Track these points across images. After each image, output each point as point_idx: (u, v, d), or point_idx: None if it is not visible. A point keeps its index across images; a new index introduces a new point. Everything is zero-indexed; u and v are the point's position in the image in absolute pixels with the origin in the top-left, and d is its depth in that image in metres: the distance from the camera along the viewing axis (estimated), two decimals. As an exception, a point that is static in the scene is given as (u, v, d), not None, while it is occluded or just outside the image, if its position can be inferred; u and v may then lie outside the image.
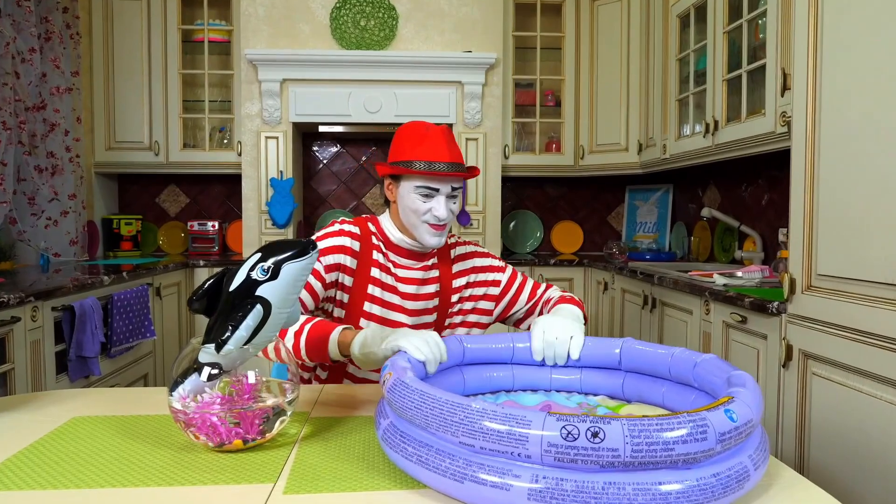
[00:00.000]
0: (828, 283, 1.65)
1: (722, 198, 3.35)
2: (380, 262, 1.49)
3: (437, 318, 1.54)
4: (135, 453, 0.98)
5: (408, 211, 1.44)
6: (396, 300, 1.49)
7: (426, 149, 1.41)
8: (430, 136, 1.43)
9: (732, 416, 0.79)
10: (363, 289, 1.47)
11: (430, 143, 1.42)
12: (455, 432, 0.80)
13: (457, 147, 1.46)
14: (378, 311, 1.48)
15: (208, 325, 1.01)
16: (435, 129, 1.45)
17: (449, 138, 1.44)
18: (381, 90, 3.47)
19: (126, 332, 2.70)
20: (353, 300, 1.47)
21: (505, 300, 1.60)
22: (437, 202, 1.42)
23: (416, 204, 1.43)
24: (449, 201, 1.44)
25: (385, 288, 1.48)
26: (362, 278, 1.47)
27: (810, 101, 1.68)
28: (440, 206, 1.42)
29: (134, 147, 3.69)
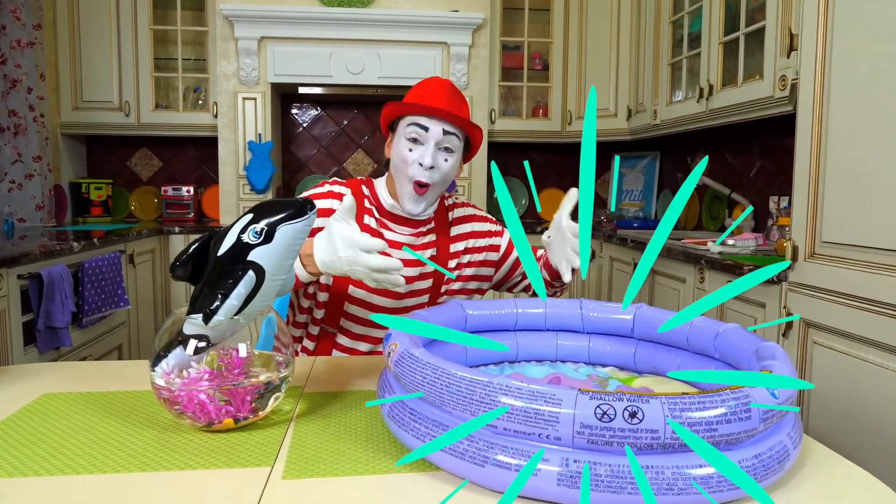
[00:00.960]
0: (833, 251, 1.60)
1: (711, 165, 3.30)
2: (371, 228, 1.40)
3: (433, 284, 1.45)
4: (114, 434, 0.89)
5: (397, 165, 1.35)
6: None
7: (424, 92, 1.35)
8: (427, 83, 1.37)
9: (774, 392, 0.73)
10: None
11: (426, 88, 1.36)
12: (475, 412, 0.72)
13: (461, 102, 1.37)
14: (362, 293, 1.40)
15: (193, 293, 0.91)
16: (439, 80, 1.38)
17: (451, 90, 1.36)
18: (364, 50, 3.33)
19: (98, 301, 2.58)
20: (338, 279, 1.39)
21: (505, 266, 1.52)
22: (425, 149, 1.32)
23: (403, 151, 1.33)
24: (439, 153, 1.33)
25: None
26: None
27: (819, 62, 1.61)
28: (426, 154, 1.31)
29: (102, 107, 3.52)
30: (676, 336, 1.07)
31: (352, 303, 1.40)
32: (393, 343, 0.89)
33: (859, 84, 1.50)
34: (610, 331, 1.18)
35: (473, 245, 1.49)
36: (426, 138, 1.32)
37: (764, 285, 1.85)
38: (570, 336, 1.20)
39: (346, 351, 1.43)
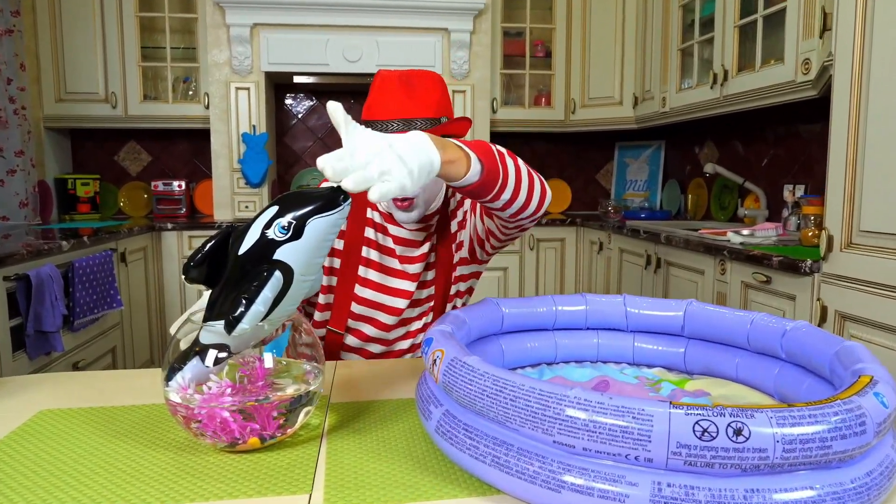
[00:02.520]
0: (871, 240, 1.53)
1: (720, 154, 3.22)
2: (375, 222, 1.31)
3: (438, 273, 1.34)
4: (123, 457, 0.79)
5: None
6: (396, 265, 1.32)
7: (373, 106, 1.20)
8: (375, 89, 1.20)
9: (883, 400, 0.65)
10: (356, 252, 1.30)
11: (375, 96, 1.20)
12: (549, 430, 0.63)
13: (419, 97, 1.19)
14: (375, 276, 1.31)
15: (211, 297, 0.81)
16: (390, 78, 1.20)
17: (402, 88, 1.19)
18: (361, 37, 3.21)
19: (90, 302, 2.46)
20: (346, 265, 1.30)
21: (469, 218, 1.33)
22: None
23: None
24: None
25: (382, 251, 1.31)
26: (355, 240, 1.30)
27: (857, 43, 1.53)
28: None
29: (88, 99, 3.38)
30: (735, 334, 0.99)
31: (358, 303, 1.31)
32: (438, 349, 0.79)
33: (903, 63, 1.42)
34: (657, 329, 1.09)
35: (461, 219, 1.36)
36: None
37: (795, 277, 1.77)
38: (613, 335, 1.12)
39: (355, 352, 1.34)
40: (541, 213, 1.13)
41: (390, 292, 1.31)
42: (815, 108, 2.36)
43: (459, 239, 1.39)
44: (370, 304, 1.31)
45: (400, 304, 1.32)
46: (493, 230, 1.25)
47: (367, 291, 1.31)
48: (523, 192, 1.03)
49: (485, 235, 1.29)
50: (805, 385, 0.87)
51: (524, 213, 1.07)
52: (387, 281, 1.31)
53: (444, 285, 1.36)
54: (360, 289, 1.31)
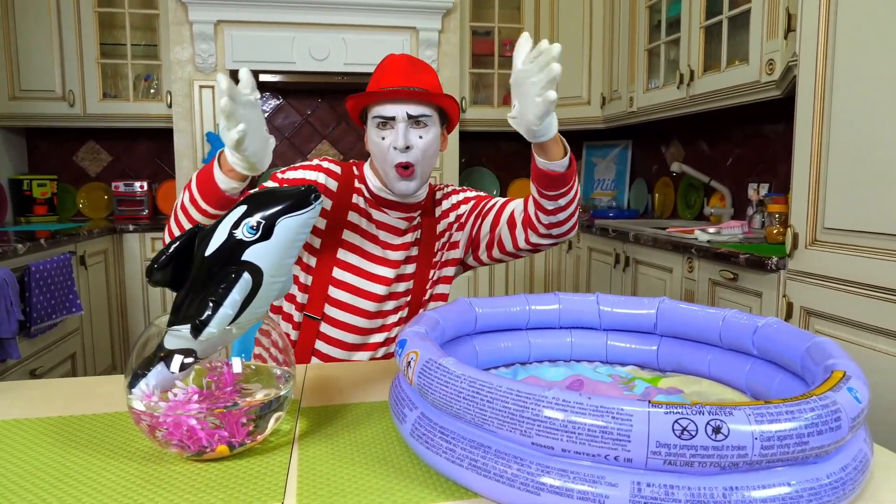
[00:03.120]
0: (836, 237, 1.56)
1: (686, 153, 3.26)
2: (360, 207, 1.33)
3: (418, 269, 1.37)
4: (84, 469, 0.76)
5: (374, 152, 1.29)
6: (377, 251, 1.33)
7: (381, 78, 1.27)
8: (385, 65, 1.29)
9: (857, 395, 0.65)
10: (338, 234, 1.31)
11: (384, 71, 1.27)
12: (527, 431, 0.62)
13: (421, 74, 1.28)
14: (355, 260, 1.32)
15: (176, 300, 0.79)
16: (396, 57, 1.30)
17: (409, 63, 1.28)
18: (328, 35, 3.18)
19: (48, 307, 2.38)
20: (326, 246, 1.31)
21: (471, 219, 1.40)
22: (395, 132, 1.24)
23: (377, 140, 1.27)
24: (411, 131, 1.25)
25: (365, 236, 1.33)
26: (337, 222, 1.31)
27: (821, 43, 1.56)
28: (398, 136, 1.23)
29: (44, 97, 3.27)
30: (707, 331, 0.99)
31: (336, 287, 1.32)
32: (412, 351, 0.78)
33: (864, 65, 1.45)
34: (630, 327, 1.09)
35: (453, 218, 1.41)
36: (394, 124, 1.26)
37: (761, 274, 1.79)
38: (586, 333, 1.12)
39: (330, 341, 1.33)
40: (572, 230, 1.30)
41: (370, 277, 1.32)
42: (778, 108, 2.41)
43: (454, 239, 1.41)
44: (349, 287, 1.32)
45: (378, 290, 1.32)
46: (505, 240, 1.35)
47: (347, 275, 1.32)
48: (574, 203, 1.24)
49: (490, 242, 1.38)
50: (777, 381, 0.88)
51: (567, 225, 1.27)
52: (366, 266, 1.32)
53: (422, 281, 1.37)
54: (339, 272, 1.32)
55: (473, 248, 1.42)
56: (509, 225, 1.34)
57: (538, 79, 0.96)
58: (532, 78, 0.97)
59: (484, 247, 1.40)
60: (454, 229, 1.41)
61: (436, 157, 1.32)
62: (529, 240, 1.31)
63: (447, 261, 1.41)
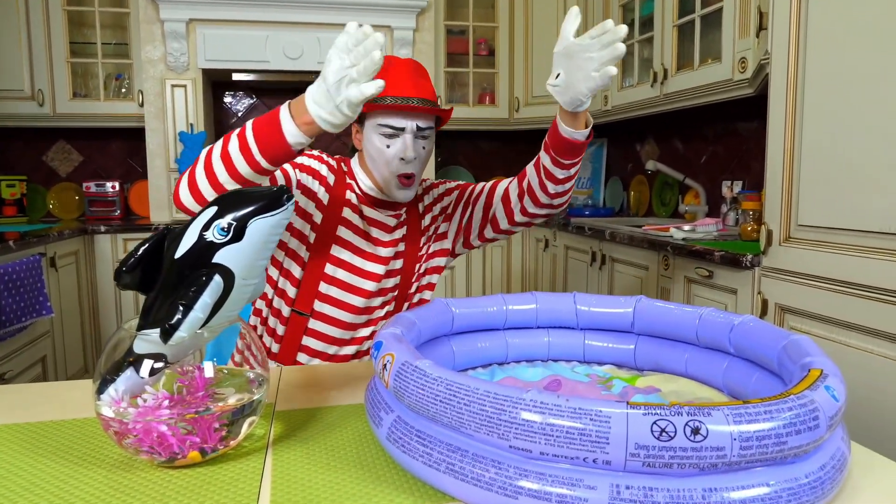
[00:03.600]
0: (809, 234, 1.57)
1: (660, 151, 3.29)
2: (353, 203, 1.32)
3: (405, 263, 1.38)
4: (51, 477, 0.73)
5: (373, 156, 1.28)
6: (368, 247, 1.33)
7: (388, 84, 1.23)
8: (393, 69, 1.26)
9: (834, 394, 0.65)
10: (332, 230, 1.30)
11: (392, 77, 1.24)
12: (504, 434, 0.61)
13: (426, 81, 1.29)
14: (348, 256, 1.31)
15: (145, 303, 0.76)
16: (400, 60, 1.28)
17: (416, 71, 1.28)
18: (302, 34, 3.15)
19: (17, 309, 2.33)
20: (320, 241, 1.30)
21: (458, 209, 1.42)
22: (403, 142, 1.25)
23: (380, 146, 1.26)
24: (417, 142, 1.27)
25: (357, 232, 1.32)
26: (333, 217, 1.30)
27: (792, 41, 1.57)
28: (407, 147, 1.25)
29: (12, 96, 3.20)
30: (683, 329, 0.99)
31: (328, 283, 1.31)
32: (388, 353, 0.76)
33: (836, 62, 1.47)
34: (607, 326, 1.09)
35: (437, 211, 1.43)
36: (401, 134, 1.26)
37: (736, 271, 1.81)
38: (563, 333, 1.11)
39: (317, 336, 1.32)
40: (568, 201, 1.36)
41: (361, 274, 1.32)
42: (751, 106, 2.43)
43: (441, 231, 1.42)
44: (340, 284, 1.31)
45: (368, 286, 1.32)
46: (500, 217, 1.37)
47: (339, 272, 1.31)
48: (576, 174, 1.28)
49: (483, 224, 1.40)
50: (754, 379, 0.88)
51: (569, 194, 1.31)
52: (358, 262, 1.32)
53: (408, 275, 1.38)
54: (331, 268, 1.31)
55: (465, 235, 1.43)
56: (503, 202, 1.36)
57: (600, 55, 1.00)
58: (591, 53, 1.01)
59: (477, 230, 1.42)
60: (440, 221, 1.42)
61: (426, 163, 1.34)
62: (527, 210, 1.34)
63: (434, 252, 1.42)
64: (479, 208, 1.40)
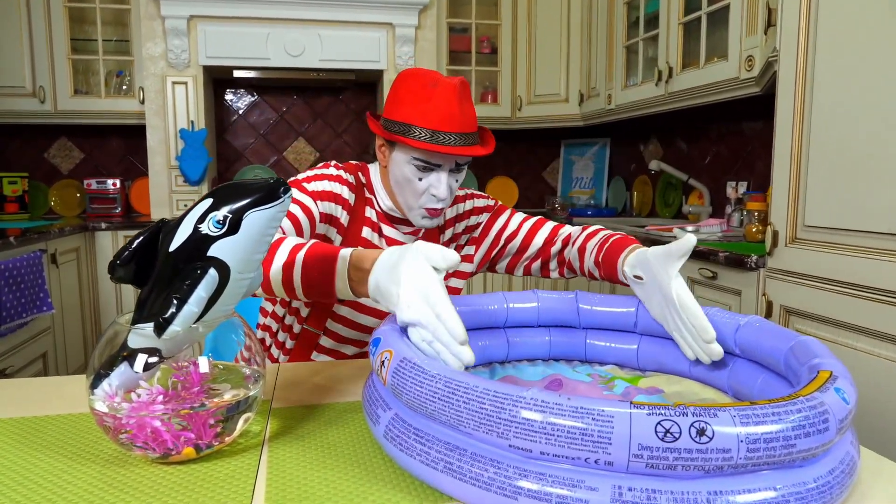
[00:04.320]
0: (816, 235, 1.56)
1: (664, 151, 3.27)
2: (372, 221, 1.25)
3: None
4: (46, 471, 0.72)
5: (401, 183, 1.19)
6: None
7: (430, 111, 1.13)
8: (437, 95, 1.13)
9: (844, 396, 0.64)
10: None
11: (436, 103, 1.13)
12: (504, 433, 0.60)
13: (471, 108, 1.17)
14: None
15: (140, 297, 0.75)
16: (445, 84, 1.14)
17: (462, 97, 1.15)
18: (303, 31, 3.13)
19: (17, 305, 2.32)
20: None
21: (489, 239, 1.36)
22: (437, 178, 1.17)
23: (410, 178, 1.17)
24: (452, 177, 1.18)
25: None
26: (352, 238, 1.24)
27: (801, 38, 1.55)
28: (440, 184, 1.16)
29: (13, 93, 3.19)
30: (688, 330, 0.98)
31: (342, 304, 1.25)
32: (386, 350, 0.75)
33: (846, 60, 1.45)
34: (609, 325, 1.07)
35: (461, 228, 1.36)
36: (437, 170, 1.17)
37: (740, 272, 1.79)
38: (565, 332, 1.10)
39: (328, 353, 1.29)
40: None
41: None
42: (757, 105, 2.41)
43: (466, 252, 1.36)
44: (355, 305, 1.26)
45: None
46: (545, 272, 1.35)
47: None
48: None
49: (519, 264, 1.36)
50: (759, 380, 0.87)
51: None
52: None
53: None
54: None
55: (492, 265, 1.39)
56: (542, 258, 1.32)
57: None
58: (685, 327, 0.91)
59: (505, 266, 1.38)
60: (464, 241, 1.36)
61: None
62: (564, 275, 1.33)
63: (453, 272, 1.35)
64: (514, 249, 1.34)
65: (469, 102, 1.17)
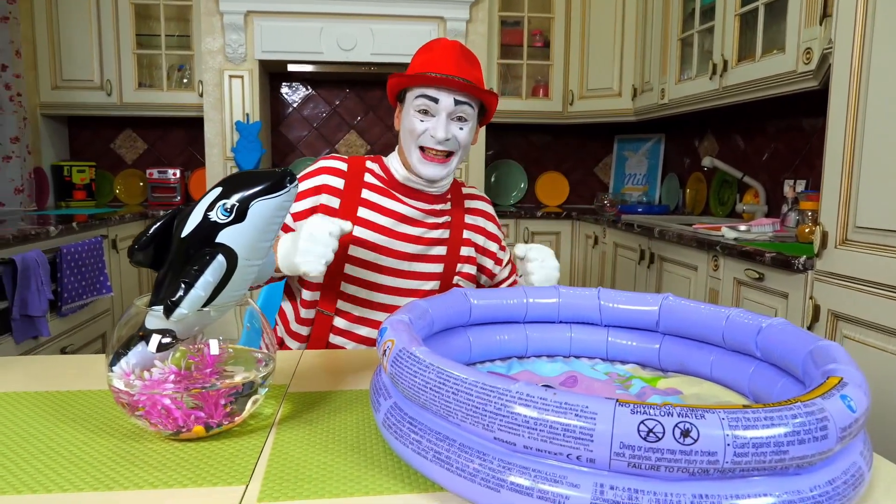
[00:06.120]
0: (868, 237, 1.48)
1: (720, 147, 3.16)
2: (370, 201, 1.30)
3: (445, 269, 1.35)
4: (67, 442, 0.76)
5: (406, 133, 1.26)
6: (390, 243, 1.29)
7: (430, 60, 1.24)
8: (436, 47, 1.26)
9: (850, 404, 0.61)
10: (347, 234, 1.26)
11: (435, 53, 1.24)
12: (489, 425, 0.59)
13: (472, 67, 1.26)
14: (364, 254, 1.28)
15: (156, 280, 0.78)
16: (448, 42, 1.27)
17: (462, 54, 1.26)
18: (355, 25, 3.17)
19: (79, 288, 2.44)
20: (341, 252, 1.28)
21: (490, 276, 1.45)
22: (437, 121, 1.22)
23: (413, 122, 1.24)
24: (452, 123, 1.24)
25: (377, 230, 1.29)
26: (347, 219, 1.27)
27: (858, 29, 1.48)
28: (439, 125, 1.22)
29: (83, 86, 3.35)
30: (710, 331, 0.95)
31: (350, 283, 1.29)
32: (389, 339, 0.76)
33: (900, 52, 1.37)
34: (631, 324, 1.05)
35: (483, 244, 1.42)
36: (437, 110, 1.23)
37: (788, 274, 1.72)
38: (586, 329, 1.08)
39: (342, 334, 1.31)
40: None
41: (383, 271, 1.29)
42: (817, 100, 2.31)
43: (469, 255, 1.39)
44: (361, 283, 1.29)
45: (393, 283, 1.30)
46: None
47: (360, 271, 1.28)
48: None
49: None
50: (779, 385, 0.83)
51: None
52: (378, 259, 1.29)
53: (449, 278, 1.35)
54: (350, 268, 1.28)
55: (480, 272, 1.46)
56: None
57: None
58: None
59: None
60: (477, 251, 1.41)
61: (469, 150, 1.31)
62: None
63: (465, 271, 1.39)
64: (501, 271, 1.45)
65: (470, 61, 1.26)
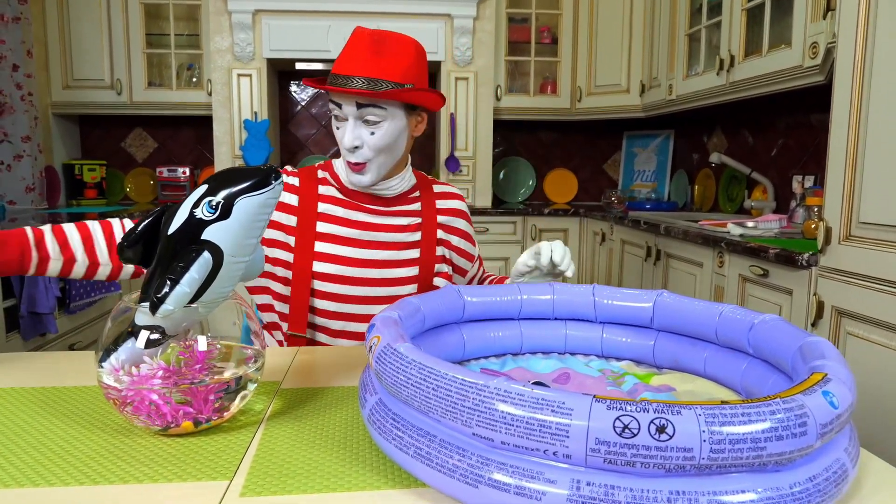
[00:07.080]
0: (871, 233, 1.46)
1: (729, 144, 3.14)
2: (329, 215, 1.25)
3: (421, 271, 1.30)
4: (58, 437, 0.77)
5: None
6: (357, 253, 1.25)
7: (340, 57, 1.16)
8: (348, 43, 1.16)
9: (832, 400, 0.60)
10: (309, 248, 1.23)
11: (345, 50, 1.16)
12: (467, 421, 0.59)
13: (382, 57, 1.13)
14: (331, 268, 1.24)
15: (145, 277, 0.79)
16: (359, 32, 1.16)
17: (369, 45, 1.13)
18: (363, 23, 3.17)
19: (87, 285, 2.47)
20: (299, 261, 1.23)
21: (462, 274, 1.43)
22: (345, 127, 1.17)
23: (334, 130, 1.21)
24: (360, 127, 1.16)
25: (341, 242, 1.24)
26: (306, 237, 1.23)
27: (861, 23, 1.46)
28: (346, 132, 1.16)
29: (94, 85, 3.39)
30: (703, 327, 0.94)
31: (322, 298, 1.24)
32: (375, 335, 0.76)
33: (904, 46, 1.35)
34: (626, 320, 1.05)
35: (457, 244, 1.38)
36: (345, 115, 1.17)
37: (791, 270, 1.71)
38: (581, 326, 1.07)
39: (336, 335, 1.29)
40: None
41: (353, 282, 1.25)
42: (826, 95, 2.28)
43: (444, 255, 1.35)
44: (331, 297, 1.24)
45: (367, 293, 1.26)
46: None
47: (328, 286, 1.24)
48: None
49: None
50: (770, 382, 0.83)
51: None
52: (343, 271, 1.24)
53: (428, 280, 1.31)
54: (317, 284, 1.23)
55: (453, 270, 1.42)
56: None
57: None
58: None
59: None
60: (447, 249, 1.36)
61: (399, 148, 1.22)
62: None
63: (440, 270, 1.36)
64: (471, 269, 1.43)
65: (381, 52, 1.13)
